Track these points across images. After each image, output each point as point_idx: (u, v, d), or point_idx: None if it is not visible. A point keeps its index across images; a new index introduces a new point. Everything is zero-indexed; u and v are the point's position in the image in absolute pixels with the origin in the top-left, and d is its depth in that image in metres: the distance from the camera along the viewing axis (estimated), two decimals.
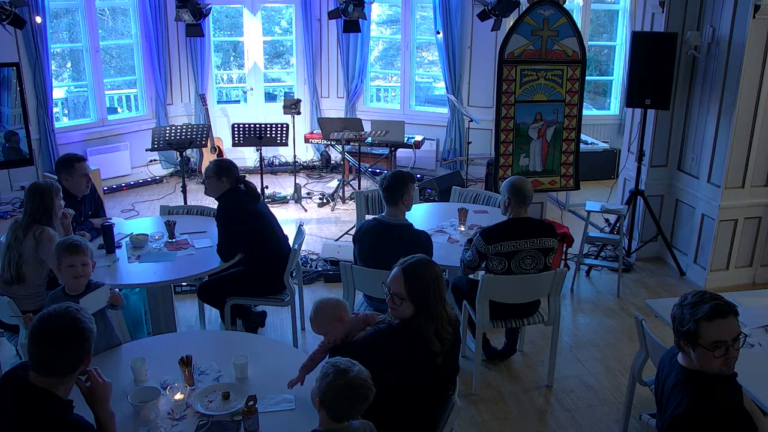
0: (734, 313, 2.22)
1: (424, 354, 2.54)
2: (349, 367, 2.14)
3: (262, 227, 4.17)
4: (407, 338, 2.55)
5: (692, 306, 2.24)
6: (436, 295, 2.56)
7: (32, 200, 3.67)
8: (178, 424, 2.48)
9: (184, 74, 8.50)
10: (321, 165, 8.86)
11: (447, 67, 8.03)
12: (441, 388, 2.67)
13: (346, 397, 2.12)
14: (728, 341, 2.19)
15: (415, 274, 2.56)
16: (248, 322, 4.54)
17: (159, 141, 6.25)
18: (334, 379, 2.11)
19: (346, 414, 2.15)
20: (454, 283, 4.18)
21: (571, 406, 3.89)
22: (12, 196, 7.26)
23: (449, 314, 2.64)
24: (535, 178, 5.57)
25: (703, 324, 2.19)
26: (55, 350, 2.08)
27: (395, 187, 3.80)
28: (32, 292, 3.65)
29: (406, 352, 2.55)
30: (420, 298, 2.54)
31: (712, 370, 2.24)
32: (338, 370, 2.13)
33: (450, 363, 2.68)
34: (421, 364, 2.55)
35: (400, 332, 2.58)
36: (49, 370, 2.10)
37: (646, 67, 5.26)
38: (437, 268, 2.63)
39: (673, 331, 2.34)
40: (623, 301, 5.21)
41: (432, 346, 2.54)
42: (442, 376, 2.64)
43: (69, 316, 2.14)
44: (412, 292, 2.54)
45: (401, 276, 2.56)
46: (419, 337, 2.54)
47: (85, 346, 2.14)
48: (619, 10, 9.04)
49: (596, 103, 9.58)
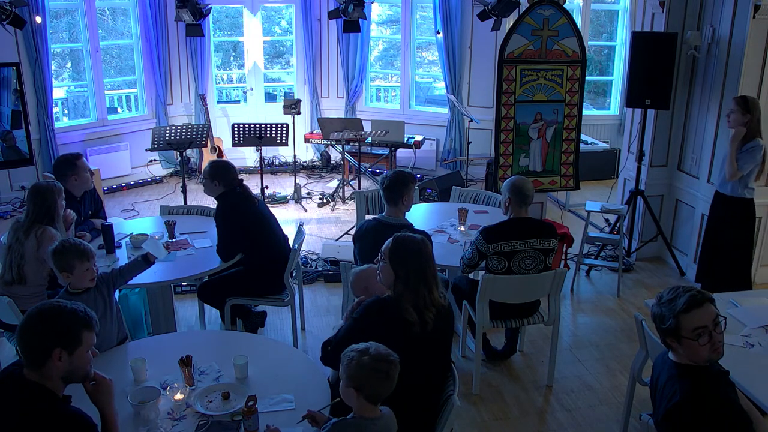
0: (710, 300, 2.28)
1: (400, 324, 2.60)
2: (368, 346, 2.21)
3: (262, 227, 4.17)
4: (386, 308, 2.65)
5: (669, 302, 2.30)
6: (417, 270, 2.66)
7: (35, 201, 3.66)
8: (178, 424, 2.48)
9: (184, 74, 8.50)
10: (321, 165, 8.86)
11: (447, 67, 8.03)
12: (430, 370, 2.70)
13: (378, 373, 2.16)
14: (708, 326, 2.24)
15: (401, 241, 2.72)
16: (248, 322, 4.53)
17: (159, 141, 6.25)
18: (359, 359, 2.17)
19: (382, 390, 2.18)
20: (454, 283, 4.18)
21: (571, 406, 3.89)
22: (12, 196, 7.26)
23: (436, 299, 2.69)
24: (535, 178, 5.56)
25: (682, 317, 2.26)
26: (22, 340, 2.11)
27: (396, 187, 3.80)
28: (33, 292, 3.65)
29: (383, 324, 2.61)
30: (399, 264, 2.66)
31: (702, 359, 2.28)
32: (359, 351, 2.19)
33: (440, 349, 2.74)
34: (397, 333, 2.59)
35: (380, 304, 2.68)
36: (28, 360, 2.11)
37: (646, 67, 5.26)
38: (427, 249, 2.72)
39: (658, 331, 2.39)
40: (623, 301, 5.21)
41: (406, 314, 2.61)
42: (431, 356, 2.69)
43: (48, 306, 2.14)
44: (393, 256, 2.68)
45: (391, 239, 2.75)
46: (395, 304, 2.63)
47: (52, 336, 2.10)
48: (619, 10, 9.04)
49: (596, 103, 9.58)
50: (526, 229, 3.74)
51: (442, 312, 2.72)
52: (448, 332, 2.81)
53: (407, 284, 2.65)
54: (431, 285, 2.69)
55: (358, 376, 2.16)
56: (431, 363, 2.72)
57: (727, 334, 2.35)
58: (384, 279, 2.74)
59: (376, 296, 2.76)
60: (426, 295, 2.66)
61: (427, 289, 2.67)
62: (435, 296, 2.70)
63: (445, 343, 2.81)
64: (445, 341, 2.80)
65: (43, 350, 2.09)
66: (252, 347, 3.01)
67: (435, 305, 2.69)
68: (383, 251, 2.74)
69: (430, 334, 2.66)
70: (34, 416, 2.06)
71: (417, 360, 2.61)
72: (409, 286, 2.65)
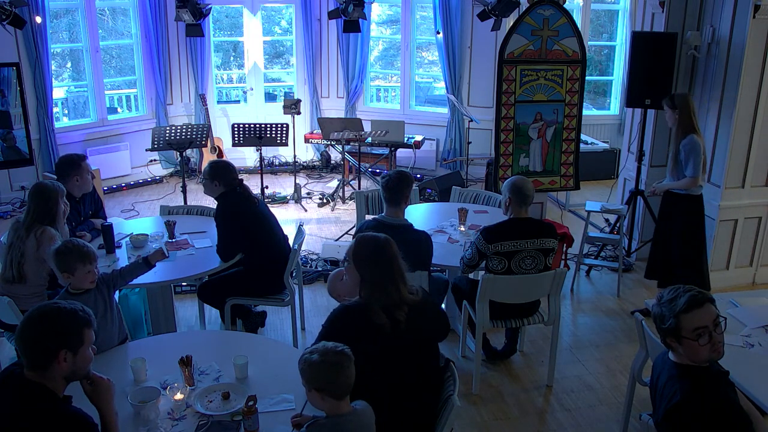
0: (710, 300, 2.28)
1: (371, 327, 2.57)
2: (315, 347, 2.25)
3: (262, 228, 4.17)
4: (352, 313, 2.63)
5: (669, 302, 2.31)
6: (382, 269, 2.62)
7: (36, 200, 3.66)
8: (178, 424, 2.48)
9: (184, 74, 8.50)
10: (321, 165, 8.86)
11: (447, 67, 8.03)
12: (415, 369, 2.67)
13: (329, 366, 2.18)
14: (709, 326, 2.25)
15: (363, 242, 2.70)
16: (248, 322, 4.53)
17: (159, 141, 6.25)
18: (309, 359, 2.20)
19: (341, 383, 2.19)
20: (454, 283, 4.18)
21: (571, 406, 3.89)
22: (12, 196, 7.26)
23: (406, 297, 2.64)
24: (535, 178, 5.57)
25: (682, 317, 2.26)
26: (25, 342, 2.10)
27: (398, 188, 3.80)
28: (33, 291, 3.65)
29: (353, 330, 2.59)
30: (363, 265, 2.65)
31: (702, 359, 2.28)
32: (308, 353, 2.23)
33: (422, 346, 2.71)
34: (368, 336, 2.57)
35: (347, 310, 2.65)
36: (29, 363, 2.11)
37: (646, 67, 5.26)
38: (390, 248, 2.68)
39: (658, 331, 2.39)
40: (623, 301, 5.21)
41: (374, 317, 2.57)
42: (411, 354, 2.65)
43: (45, 311, 2.14)
44: (356, 258, 2.67)
45: (354, 240, 2.76)
46: (363, 308, 2.60)
47: (56, 342, 2.11)
48: (619, 10, 9.04)
49: (596, 103, 9.58)
50: (526, 229, 3.74)
51: (417, 308, 2.67)
52: (430, 327, 2.75)
53: (373, 285, 2.61)
54: (398, 283, 2.64)
55: (314, 377, 2.19)
56: (413, 361, 2.67)
57: (727, 334, 2.35)
58: (350, 281, 2.71)
59: (343, 303, 2.71)
60: (394, 294, 2.61)
61: (394, 287, 2.62)
62: (404, 294, 2.64)
63: (428, 339, 2.75)
64: (427, 338, 2.74)
65: (48, 353, 2.10)
66: (252, 347, 3.01)
67: (406, 303, 2.63)
68: (347, 253, 2.72)
69: (405, 333, 2.61)
70: (34, 416, 2.06)
71: (397, 360, 2.61)
72: (376, 287, 2.61)
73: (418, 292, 2.74)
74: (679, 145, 4.45)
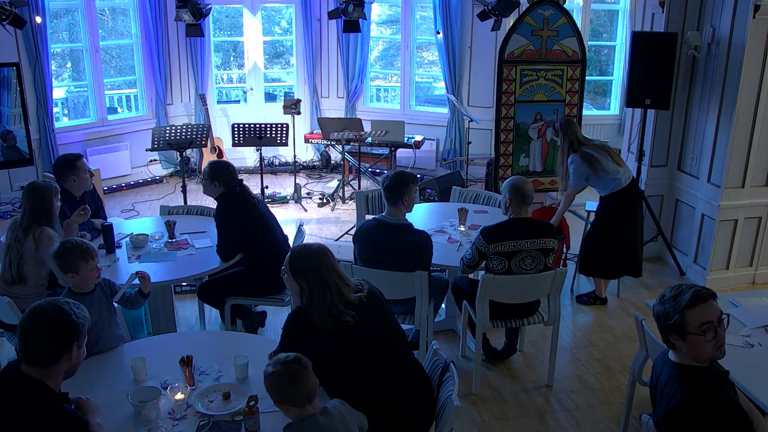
0: (713, 296, 2.29)
1: (322, 332, 2.56)
2: (270, 362, 2.28)
3: (261, 228, 4.17)
4: (303, 319, 2.62)
5: (673, 299, 2.30)
6: (318, 278, 2.61)
7: (32, 200, 3.66)
8: (179, 424, 2.49)
9: (184, 74, 8.50)
10: (321, 165, 8.86)
11: (447, 67, 8.03)
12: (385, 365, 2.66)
13: (285, 377, 2.20)
14: (714, 321, 2.25)
15: (297, 253, 2.69)
16: (248, 322, 4.54)
17: (159, 141, 6.25)
18: (267, 373, 2.24)
19: (298, 391, 2.21)
20: (454, 283, 4.18)
21: (571, 406, 3.89)
22: (12, 196, 7.26)
23: (349, 299, 2.62)
24: (535, 178, 5.57)
25: (688, 312, 2.25)
26: (37, 339, 2.13)
27: (397, 187, 3.80)
28: (33, 291, 3.65)
29: (306, 336, 2.59)
30: (300, 276, 2.63)
31: (705, 356, 2.28)
32: (267, 369, 2.26)
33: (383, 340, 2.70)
34: (322, 341, 2.57)
35: (299, 316, 2.64)
36: (35, 360, 2.14)
37: (646, 67, 5.26)
38: (326, 257, 2.65)
39: (660, 330, 2.37)
40: (623, 301, 5.21)
41: (320, 324, 2.56)
42: (375, 350, 2.65)
43: (55, 307, 2.18)
44: (292, 269, 2.65)
45: (289, 252, 2.73)
46: (307, 315, 2.60)
47: (69, 337, 2.17)
48: (619, 10, 9.04)
49: (596, 103, 9.58)
50: (526, 229, 3.74)
51: (364, 303, 2.65)
52: (383, 317, 2.74)
53: (312, 294, 2.61)
54: (339, 288, 2.62)
55: (273, 390, 2.24)
56: (383, 361, 2.66)
57: (727, 334, 2.35)
58: (291, 292, 2.72)
59: (297, 305, 2.70)
60: (335, 301, 2.59)
61: (334, 294, 2.60)
62: (347, 296, 2.63)
63: (387, 332, 2.73)
64: (384, 331, 2.72)
65: (59, 348, 2.15)
66: (252, 347, 3.01)
67: (351, 305, 2.61)
68: (284, 264, 2.70)
69: (360, 331, 2.60)
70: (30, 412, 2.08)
71: (364, 362, 2.61)
72: (315, 296, 2.60)
73: (364, 286, 2.73)
74: (567, 166, 4.77)
